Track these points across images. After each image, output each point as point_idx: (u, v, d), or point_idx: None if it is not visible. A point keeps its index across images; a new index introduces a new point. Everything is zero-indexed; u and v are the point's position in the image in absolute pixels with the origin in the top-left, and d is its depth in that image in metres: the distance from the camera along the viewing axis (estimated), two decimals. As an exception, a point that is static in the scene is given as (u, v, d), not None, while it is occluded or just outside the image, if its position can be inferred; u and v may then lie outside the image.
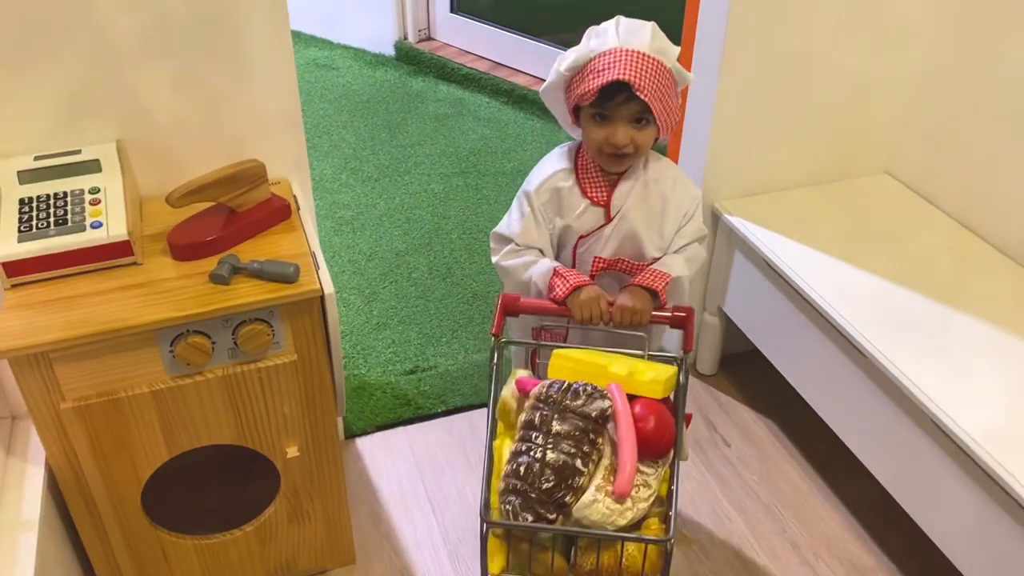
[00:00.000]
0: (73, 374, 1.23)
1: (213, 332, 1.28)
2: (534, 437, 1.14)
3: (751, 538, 1.74)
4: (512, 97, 3.36)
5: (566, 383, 1.17)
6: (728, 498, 1.83)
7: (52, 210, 1.28)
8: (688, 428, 1.33)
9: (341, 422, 1.91)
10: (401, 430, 1.97)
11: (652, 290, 1.33)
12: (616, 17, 1.30)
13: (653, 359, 1.27)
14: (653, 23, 1.29)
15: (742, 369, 2.13)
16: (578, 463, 1.11)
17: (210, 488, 1.65)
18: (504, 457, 1.18)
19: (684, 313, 1.32)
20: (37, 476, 1.35)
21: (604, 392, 1.17)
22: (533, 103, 3.29)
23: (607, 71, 1.23)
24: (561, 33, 3.32)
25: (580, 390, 1.15)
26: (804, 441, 1.95)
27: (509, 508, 1.12)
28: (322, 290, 1.29)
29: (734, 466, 1.90)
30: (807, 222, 1.85)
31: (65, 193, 1.30)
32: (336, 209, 2.76)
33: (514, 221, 1.39)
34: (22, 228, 1.26)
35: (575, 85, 1.29)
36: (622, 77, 1.22)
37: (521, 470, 1.12)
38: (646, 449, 1.16)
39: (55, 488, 1.37)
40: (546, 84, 1.35)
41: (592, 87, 1.25)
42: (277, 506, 1.49)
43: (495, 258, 1.41)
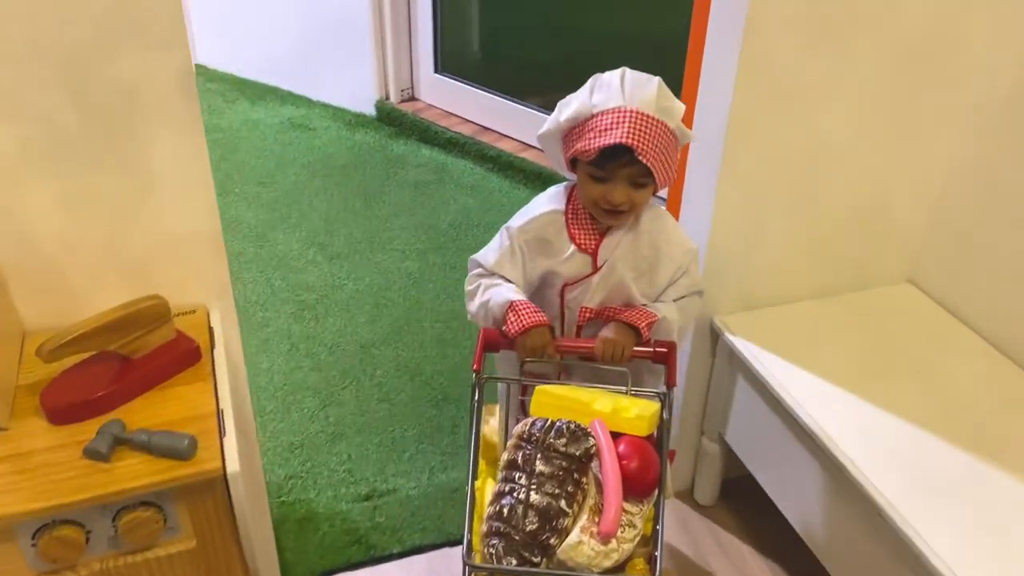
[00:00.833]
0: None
1: (88, 521, 1.03)
2: (517, 477, 1.11)
3: None
4: (498, 164, 3.13)
5: (549, 421, 1.14)
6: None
7: None
8: (672, 464, 1.30)
9: None
10: None
11: (635, 327, 1.29)
12: (622, 69, 1.24)
13: (637, 395, 1.24)
14: (659, 79, 1.24)
15: (745, 497, 1.87)
16: (562, 504, 1.09)
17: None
18: (487, 498, 1.15)
19: (666, 349, 1.28)
20: None
21: (588, 430, 1.14)
22: (520, 171, 3.07)
23: (609, 132, 1.19)
24: (551, 95, 3.10)
25: (564, 428, 1.12)
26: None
27: (492, 552, 1.09)
28: (224, 469, 1.04)
29: (734, 623, 1.64)
30: (818, 344, 1.60)
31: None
32: (299, 291, 2.52)
33: (491, 252, 1.36)
34: None
35: (574, 137, 1.25)
36: (626, 141, 1.18)
37: (504, 512, 1.09)
38: (631, 488, 1.13)
39: None
40: (544, 130, 1.30)
41: (592, 147, 1.21)
42: None
43: (467, 281, 1.39)
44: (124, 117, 1.12)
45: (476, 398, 1.24)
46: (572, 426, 1.13)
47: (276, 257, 2.67)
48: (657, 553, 1.12)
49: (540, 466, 1.10)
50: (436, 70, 3.36)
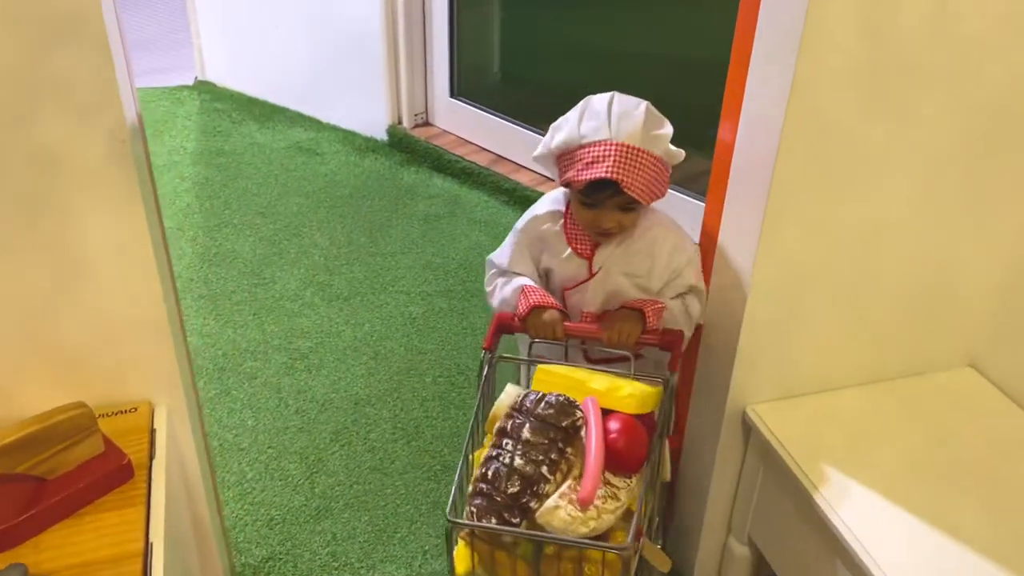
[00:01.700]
0: None
1: None
2: (505, 444, 1.17)
3: None
4: (513, 197, 2.94)
5: (541, 394, 1.20)
6: None
7: None
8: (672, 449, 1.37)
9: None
10: None
11: (640, 311, 1.34)
12: (611, 95, 1.31)
13: (639, 379, 1.29)
14: (647, 104, 1.30)
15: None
16: (544, 470, 1.14)
17: None
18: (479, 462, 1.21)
19: (671, 338, 1.34)
20: None
21: (576, 404, 1.19)
22: (537, 206, 2.86)
23: (596, 166, 1.25)
24: (573, 124, 2.91)
25: (553, 400, 1.18)
26: None
27: (474, 510, 1.14)
28: (142, 634, 0.85)
29: None
30: (864, 442, 1.39)
31: None
32: (292, 338, 2.34)
33: (504, 251, 1.46)
34: None
35: (565, 163, 1.32)
36: (611, 176, 1.24)
37: (489, 474, 1.15)
38: (618, 463, 1.17)
39: None
40: (538, 152, 1.38)
41: (581, 179, 1.27)
42: None
43: (486, 282, 1.48)
44: (44, 190, 0.94)
45: (484, 375, 1.32)
46: (562, 399, 1.19)
47: (271, 298, 2.49)
48: (634, 522, 1.15)
49: (527, 434, 1.16)
50: (452, 94, 3.17)
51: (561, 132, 1.32)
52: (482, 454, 1.23)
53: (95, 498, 0.97)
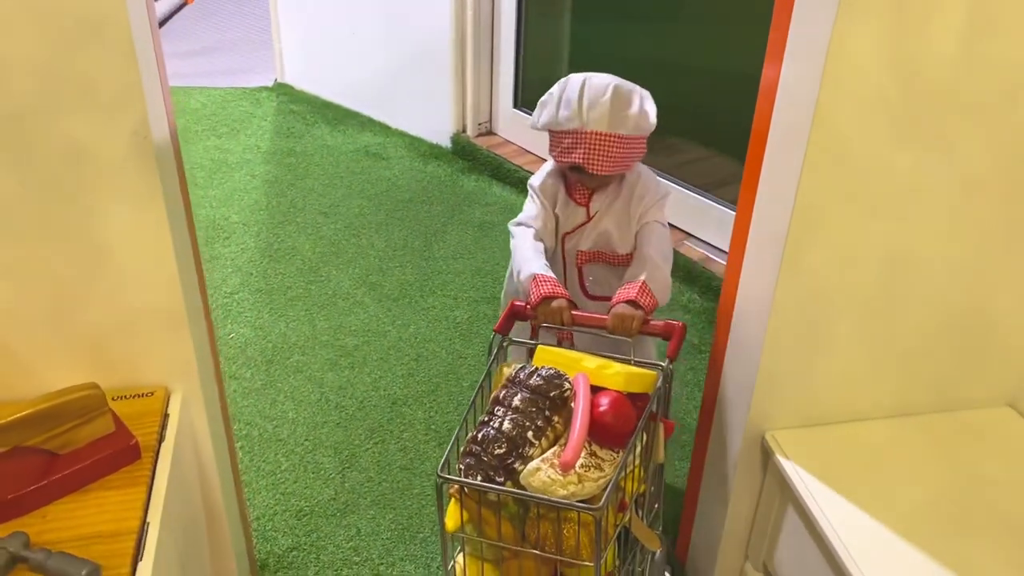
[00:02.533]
0: None
1: (-29, 648, 0.90)
2: (497, 411, 1.25)
3: None
4: (569, 209, 2.94)
5: (534, 367, 1.29)
6: None
7: None
8: (669, 438, 1.40)
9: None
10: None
11: (632, 300, 1.46)
12: (583, 80, 1.49)
13: (640, 365, 1.36)
14: (613, 87, 1.48)
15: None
16: (529, 435, 1.22)
17: None
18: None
19: (671, 329, 1.42)
20: None
21: (566, 377, 1.27)
22: (592, 219, 2.86)
23: (571, 152, 1.49)
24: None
25: (543, 373, 1.27)
26: None
27: (462, 468, 1.22)
28: (126, 607, 0.90)
29: None
30: (889, 478, 1.35)
31: None
32: (340, 335, 2.39)
33: (528, 208, 1.64)
34: None
35: (551, 140, 1.55)
36: (581, 163, 1.49)
37: (479, 437, 1.23)
38: (604, 436, 1.23)
39: None
40: (530, 125, 1.60)
41: (560, 161, 1.54)
42: None
43: (511, 229, 1.65)
44: (71, 182, 1.00)
45: (494, 354, 1.41)
46: (551, 372, 1.27)
47: (324, 295, 2.56)
48: (608, 488, 1.19)
49: (517, 402, 1.24)
50: (515, 105, 3.20)
51: (544, 113, 1.53)
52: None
53: (102, 475, 1.02)
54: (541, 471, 1.18)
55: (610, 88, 1.47)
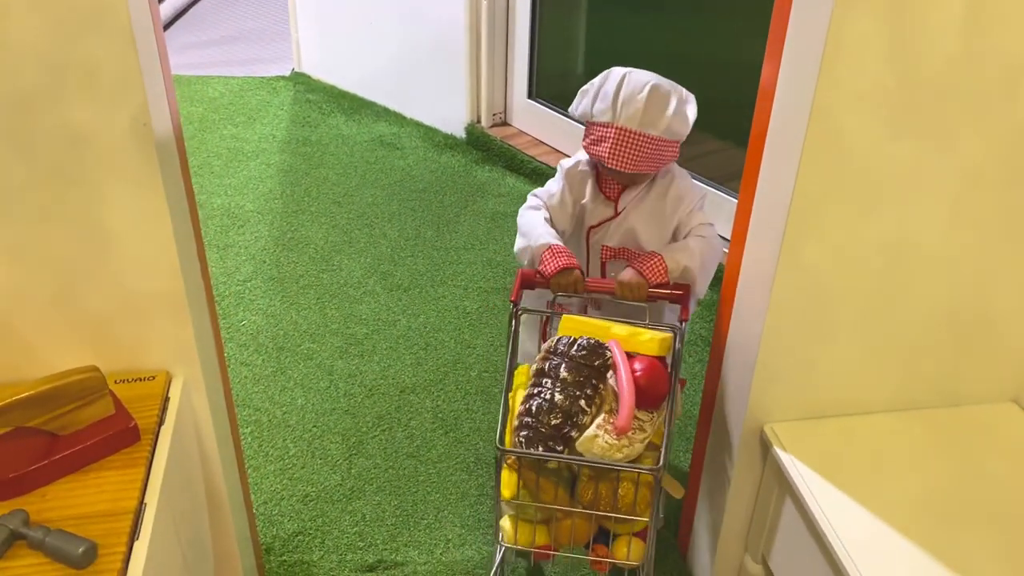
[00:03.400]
0: None
1: (-29, 622, 0.92)
2: (544, 383, 1.31)
3: None
4: (582, 200, 2.94)
5: (572, 338, 1.34)
6: None
7: None
8: (682, 391, 1.48)
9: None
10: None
11: (639, 272, 1.50)
12: (623, 75, 1.49)
13: (653, 328, 1.42)
14: (652, 86, 1.46)
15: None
16: (582, 403, 1.29)
17: None
18: (518, 404, 1.34)
19: (681, 291, 1.49)
20: None
21: (606, 345, 1.33)
22: (604, 210, 2.86)
23: (600, 145, 1.50)
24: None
25: (585, 343, 1.33)
26: None
27: (521, 440, 1.28)
28: (121, 585, 0.92)
29: None
30: (887, 472, 1.34)
31: None
32: (350, 324, 2.42)
33: (551, 186, 1.63)
34: None
35: (586, 130, 1.55)
36: (606, 159, 1.49)
37: (532, 409, 1.28)
38: (642, 398, 1.30)
39: None
40: (571, 110, 1.59)
41: (591, 153, 1.53)
42: None
43: (524, 206, 1.63)
44: (73, 168, 1.02)
45: (513, 326, 1.46)
46: (592, 341, 1.33)
47: (336, 284, 2.58)
48: (663, 449, 1.30)
49: (564, 373, 1.30)
50: (530, 95, 3.20)
51: (582, 103, 1.54)
52: (515, 395, 1.39)
53: (102, 456, 1.04)
54: (599, 437, 1.25)
55: (648, 86, 1.46)
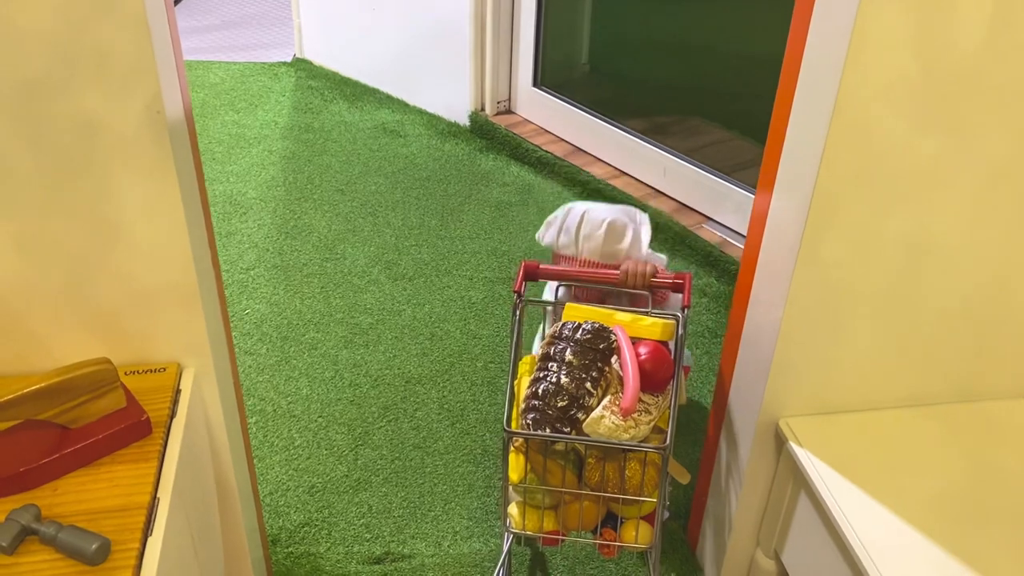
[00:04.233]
0: None
1: (-17, 618, 0.91)
2: (550, 366, 1.33)
3: None
4: (586, 190, 2.92)
5: (577, 322, 1.36)
6: None
7: None
8: (686, 378, 1.49)
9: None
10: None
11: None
12: (582, 214, 1.64)
13: (656, 316, 1.44)
14: (609, 222, 1.61)
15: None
16: (588, 386, 1.30)
17: None
18: (523, 390, 1.36)
19: (682, 280, 1.52)
20: None
21: (610, 329, 1.36)
22: (609, 199, 2.84)
23: (571, 274, 1.59)
24: (653, 117, 2.87)
25: (589, 327, 1.35)
26: None
27: (529, 423, 1.30)
28: (136, 582, 0.90)
29: None
30: (904, 468, 1.33)
31: None
32: (355, 313, 2.40)
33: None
34: None
35: (553, 257, 1.70)
36: (576, 293, 1.65)
37: (539, 392, 1.30)
38: (647, 380, 1.32)
39: None
40: (538, 237, 1.72)
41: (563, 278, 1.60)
42: None
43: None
44: (84, 157, 0.99)
45: (517, 316, 1.47)
46: (596, 325, 1.35)
47: (340, 273, 2.56)
48: (669, 429, 1.32)
49: (569, 357, 1.32)
50: (535, 83, 3.17)
51: (549, 232, 1.69)
52: (521, 381, 1.42)
53: (113, 450, 1.03)
54: (605, 418, 1.27)
55: (605, 224, 1.60)
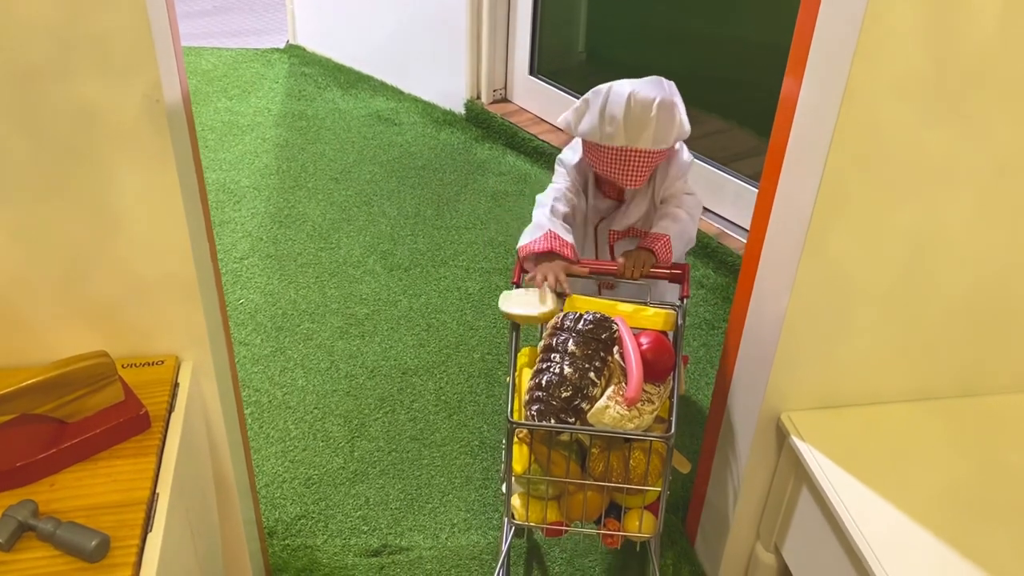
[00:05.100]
0: None
1: (-21, 617, 0.89)
2: (553, 357, 1.31)
3: None
4: (584, 180, 2.90)
5: (578, 313, 1.36)
6: None
7: None
8: (685, 367, 1.44)
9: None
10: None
11: (650, 249, 1.54)
12: (628, 96, 1.48)
13: (656, 307, 1.46)
14: (658, 103, 1.47)
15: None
16: (591, 375, 1.29)
17: None
18: (525, 382, 1.35)
19: (680, 271, 1.54)
20: None
21: (611, 319, 1.35)
22: (606, 190, 2.83)
23: (613, 167, 1.52)
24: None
25: (590, 317, 1.34)
26: None
27: (533, 414, 1.29)
28: (136, 578, 0.88)
29: None
30: (907, 462, 1.33)
31: None
32: (350, 304, 2.38)
33: (558, 182, 1.68)
34: None
35: (589, 148, 1.57)
36: (624, 184, 1.54)
37: (543, 382, 1.29)
38: (649, 370, 1.30)
39: None
40: (563, 126, 1.59)
41: (602, 173, 1.56)
42: None
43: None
44: (82, 146, 0.97)
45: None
46: (598, 315, 1.34)
47: (335, 262, 2.54)
48: (672, 418, 1.32)
49: (572, 347, 1.31)
50: (531, 72, 3.15)
51: (585, 120, 1.53)
52: (521, 373, 1.41)
53: (111, 444, 1.01)
54: (610, 408, 1.26)
55: (655, 105, 1.47)
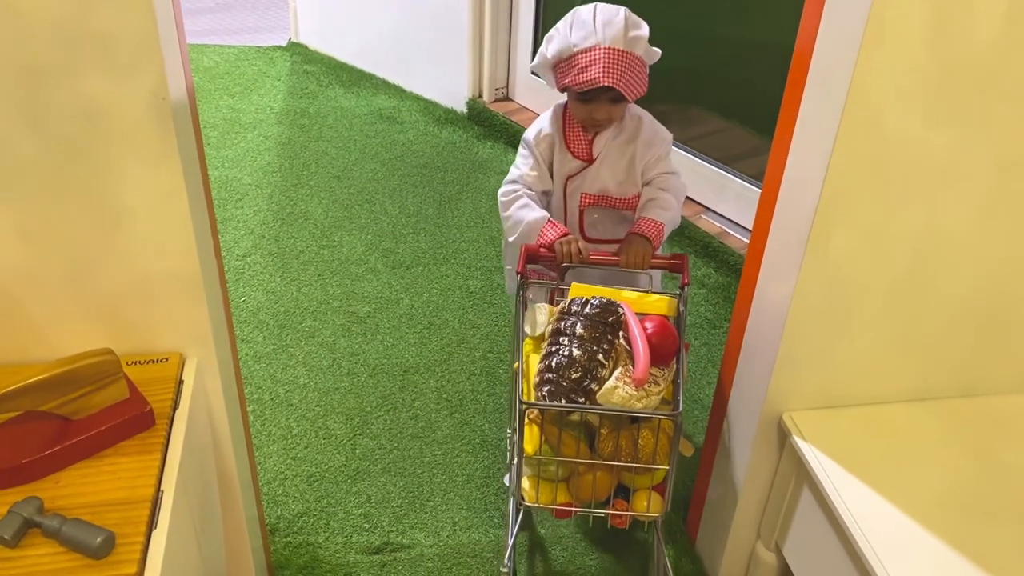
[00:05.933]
0: None
1: (-16, 612, 0.89)
2: (561, 340, 1.35)
3: None
4: (585, 179, 2.90)
5: (584, 298, 1.39)
6: None
7: None
8: (686, 353, 1.48)
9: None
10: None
11: (647, 236, 1.57)
12: (594, 6, 1.53)
13: (658, 294, 1.50)
14: (625, 11, 1.52)
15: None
16: (600, 357, 1.32)
17: None
18: (533, 365, 1.38)
19: (679, 260, 1.56)
20: None
21: (617, 303, 1.39)
22: (608, 189, 2.83)
23: (589, 69, 1.49)
24: (652, 105, 2.84)
25: (597, 302, 1.38)
26: None
27: (544, 395, 1.32)
28: None
29: None
30: (908, 462, 1.33)
31: None
32: (352, 301, 2.38)
33: (521, 164, 1.67)
34: None
35: (562, 71, 1.54)
36: (604, 82, 1.48)
37: (552, 364, 1.33)
38: (654, 353, 1.33)
39: None
40: (535, 62, 1.61)
41: (578, 82, 1.51)
42: None
43: (500, 193, 1.67)
44: (87, 143, 0.97)
45: (520, 296, 1.51)
46: (604, 299, 1.38)
47: (337, 260, 2.54)
48: (679, 397, 1.33)
49: (580, 330, 1.34)
50: (533, 70, 3.15)
51: (554, 42, 1.53)
52: (529, 356, 1.43)
53: (116, 441, 1.01)
54: (619, 388, 1.29)
55: (622, 11, 1.52)
